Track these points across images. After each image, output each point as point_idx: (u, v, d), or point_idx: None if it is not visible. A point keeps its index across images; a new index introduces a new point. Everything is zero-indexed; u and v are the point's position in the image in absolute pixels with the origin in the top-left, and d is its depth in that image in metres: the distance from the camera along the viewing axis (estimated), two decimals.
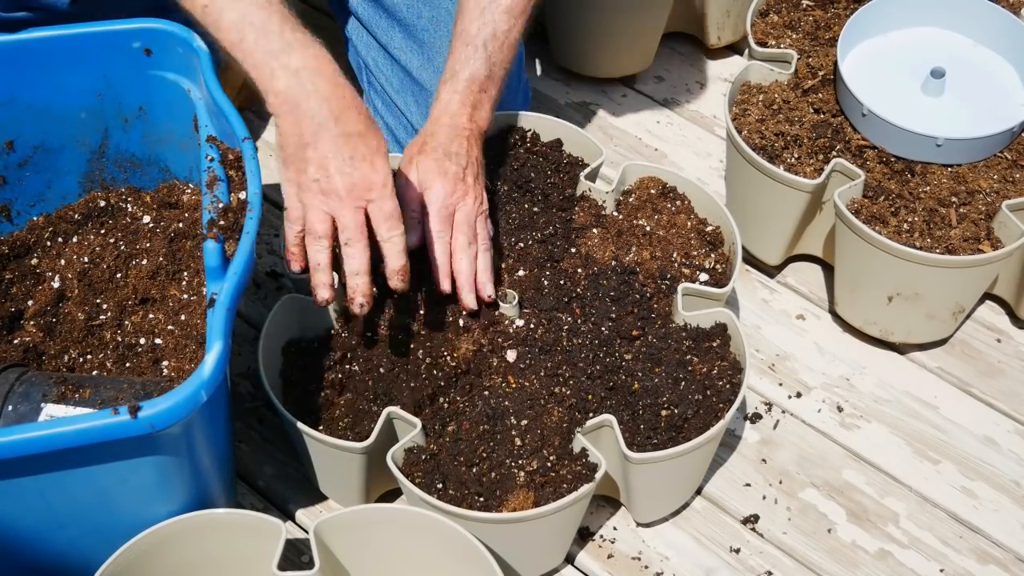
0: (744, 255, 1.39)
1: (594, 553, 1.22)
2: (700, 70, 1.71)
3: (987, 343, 1.39)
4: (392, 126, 1.38)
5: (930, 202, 1.27)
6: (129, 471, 0.98)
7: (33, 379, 1.05)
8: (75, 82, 1.21)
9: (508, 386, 1.14)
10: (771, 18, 1.45)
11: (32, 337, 1.17)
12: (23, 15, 1.18)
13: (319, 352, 1.17)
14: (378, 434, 1.10)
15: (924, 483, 1.28)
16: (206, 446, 1.02)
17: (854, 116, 1.32)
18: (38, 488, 0.97)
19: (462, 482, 1.09)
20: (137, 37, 1.19)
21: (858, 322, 1.37)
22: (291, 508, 1.26)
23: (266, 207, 1.50)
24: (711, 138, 1.62)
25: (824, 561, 1.22)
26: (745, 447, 1.30)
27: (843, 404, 1.34)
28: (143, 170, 1.30)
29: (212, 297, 0.99)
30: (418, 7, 1.33)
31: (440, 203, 1.15)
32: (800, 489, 1.27)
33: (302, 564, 1.18)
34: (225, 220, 1.05)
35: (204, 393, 0.94)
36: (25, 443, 0.91)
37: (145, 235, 1.25)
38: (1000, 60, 1.38)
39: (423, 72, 1.34)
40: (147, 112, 1.25)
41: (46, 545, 1.04)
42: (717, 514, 1.26)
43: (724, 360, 1.17)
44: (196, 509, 1.04)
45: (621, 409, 1.13)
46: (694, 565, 1.22)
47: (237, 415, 1.31)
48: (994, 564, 1.22)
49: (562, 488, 1.08)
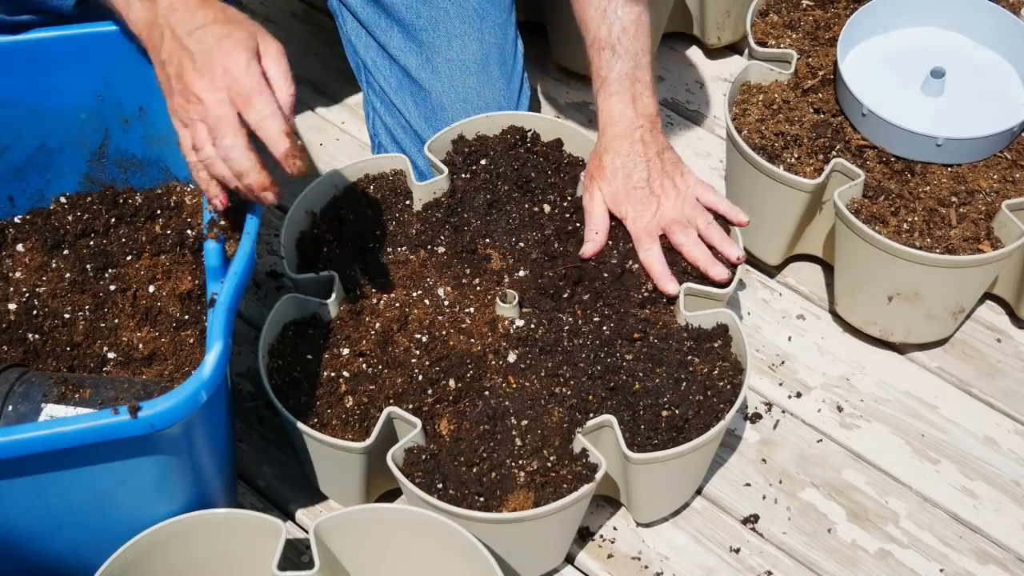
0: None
1: (594, 553, 1.22)
2: (700, 70, 1.71)
3: (987, 343, 1.39)
4: (391, 126, 1.38)
5: (930, 202, 1.27)
6: (129, 471, 0.98)
7: (33, 379, 1.05)
8: (75, 83, 1.21)
9: (508, 386, 1.14)
10: (771, 18, 1.45)
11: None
12: (27, 18, 1.18)
13: (319, 351, 1.17)
14: (378, 434, 1.10)
15: (924, 483, 1.28)
16: (206, 446, 1.02)
17: (854, 116, 1.32)
18: (38, 488, 0.97)
19: (462, 482, 1.08)
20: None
21: (858, 322, 1.37)
22: (291, 508, 1.26)
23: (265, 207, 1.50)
24: (711, 138, 1.62)
25: (824, 561, 1.22)
26: (745, 447, 1.30)
27: (843, 404, 1.34)
28: (143, 170, 1.30)
29: (212, 297, 0.99)
30: (417, 7, 1.33)
31: (640, 227, 1.21)
32: (800, 489, 1.27)
33: (302, 564, 1.18)
34: (225, 220, 1.05)
35: (204, 393, 0.94)
36: (25, 443, 0.91)
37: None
38: (1000, 60, 1.38)
39: (422, 72, 1.34)
40: (147, 112, 1.25)
41: (46, 545, 1.04)
42: (717, 514, 1.26)
43: (725, 361, 1.17)
44: (196, 509, 1.04)
45: (622, 409, 1.13)
46: (694, 565, 1.22)
47: (237, 415, 1.31)
48: (994, 564, 1.22)
49: (562, 488, 1.08)
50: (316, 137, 1.62)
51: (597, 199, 1.23)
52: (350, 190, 1.30)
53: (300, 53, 1.71)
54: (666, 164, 1.23)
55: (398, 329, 1.17)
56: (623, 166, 1.21)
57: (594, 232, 1.23)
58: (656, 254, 1.21)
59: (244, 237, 1.02)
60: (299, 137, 0.98)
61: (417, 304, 1.19)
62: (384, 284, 1.21)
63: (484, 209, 1.27)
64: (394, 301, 1.19)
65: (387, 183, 1.30)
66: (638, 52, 1.22)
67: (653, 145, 1.22)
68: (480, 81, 1.34)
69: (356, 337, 1.17)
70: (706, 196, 1.24)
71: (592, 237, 1.23)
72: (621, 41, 1.22)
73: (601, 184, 1.23)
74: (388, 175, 1.31)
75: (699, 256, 1.20)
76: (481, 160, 1.30)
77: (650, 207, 1.22)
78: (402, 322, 1.18)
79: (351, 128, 1.62)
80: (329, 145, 1.61)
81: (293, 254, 1.25)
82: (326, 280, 1.21)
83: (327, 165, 1.56)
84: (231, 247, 1.03)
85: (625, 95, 1.22)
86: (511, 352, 1.16)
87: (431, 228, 1.26)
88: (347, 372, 1.15)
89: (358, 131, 1.62)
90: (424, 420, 1.12)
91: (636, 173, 1.21)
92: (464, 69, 1.34)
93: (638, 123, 1.22)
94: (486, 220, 1.27)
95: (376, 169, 1.31)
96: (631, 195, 1.21)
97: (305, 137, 1.62)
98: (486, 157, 1.30)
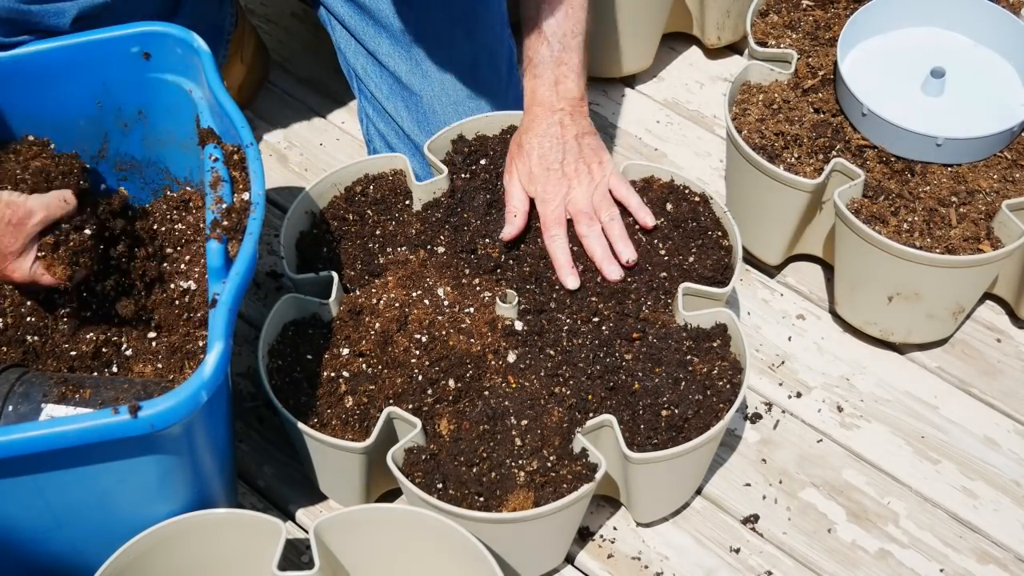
0: (744, 255, 1.39)
1: (594, 553, 1.22)
2: (700, 70, 1.71)
3: (987, 343, 1.39)
4: (384, 132, 1.38)
5: (930, 202, 1.27)
6: (129, 471, 0.98)
7: (33, 379, 1.05)
8: (74, 92, 1.21)
9: (508, 386, 1.15)
10: (771, 18, 1.45)
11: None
12: (24, 39, 1.19)
13: (319, 351, 1.17)
14: (378, 434, 1.10)
15: (924, 483, 1.28)
16: (207, 446, 1.02)
17: (854, 116, 1.32)
18: (38, 488, 0.97)
19: (462, 482, 1.09)
20: (135, 42, 1.19)
21: (858, 322, 1.37)
22: (291, 508, 1.26)
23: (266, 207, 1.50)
24: (711, 138, 1.62)
25: (824, 561, 1.22)
26: (745, 447, 1.30)
27: (843, 404, 1.34)
28: (142, 171, 1.30)
29: (214, 297, 0.99)
30: (404, 13, 1.33)
31: (548, 211, 1.22)
32: (800, 489, 1.27)
33: (302, 564, 1.19)
34: (228, 221, 1.05)
35: (205, 393, 0.94)
36: (25, 443, 0.91)
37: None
38: (1000, 60, 1.38)
39: (412, 77, 1.34)
40: (147, 115, 1.25)
41: (46, 545, 1.04)
42: (717, 514, 1.26)
43: (724, 360, 1.17)
44: (196, 509, 1.04)
45: (621, 409, 1.13)
46: (694, 565, 1.22)
47: (237, 415, 1.31)
48: (994, 564, 1.22)
49: (562, 488, 1.08)
50: (316, 137, 1.62)
51: (515, 179, 1.24)
52: (350, 190, 1.30)
53: (300, 53, 1.71)
54: (584, 149, 1.23)
55: (398, 329, 1.17)
56: (539, 146, 1.22)
57: (512, 215, 1.23)
58: (561, 243, 1.21)
59: (247, 238, 1.03)
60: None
61: (417, 304, 1.19)
62: (384, 284, 1.21)
63: (484, 209, 1.27)
64: (394, 301, 1.19)
65: (387, 183, 1.30)
66: (566, 34, 1.23)
67: (572, 128, 1.22)
68: (470, 84, 1.34)
69: (356, 337, 1.17)
70: (620, 189, 1.24)
71: (511, 220, 1.23)
72: (549, 23, 1.22)
73: (518, 163, 1.23)
74: (388, 175, 1.31)
75: (596, 251, 1.21)
76: (481, 160, 1.30)
77: (560, 189, 1.22)
78: (402, 322, 1.18)
79: (351, 128, 1.62)
80: (329, 145, 1.61)
81: (293, 254, 1.25)
82: (326, 280, 1.21)
83: (327, 165, 1.56)
84: (233, 247, 1.03)
85: (548, 77, 1.22)
86: (511, 352, 1.16)
87: (431, 228, 1.26)
88: (347, 372, 1.15)
89: (358, 131, 1.61)
90: (424, 420, 1.12)
91: (551, 154, 1.21)
92: (454, 72, 1.34)
93: (559, 106, 1.22)
94: (486, 220, 1.27)
95: (376, 169, 1.31)
96: (544, 176, 1.21)
97: (305, 137, 1.62)
98: (486, 157, 1.30)
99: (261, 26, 1.74)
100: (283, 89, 1.67)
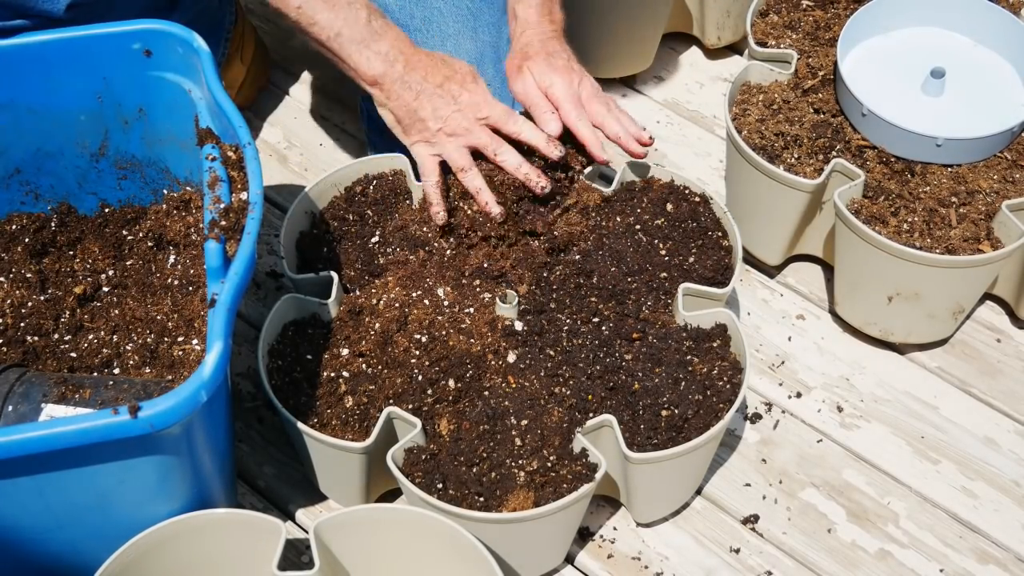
0: (744, 255, 1.39)
1: (594, 553, 1.22)
2: (700, 70, 1.71)
3: (987, 343, 1.39)
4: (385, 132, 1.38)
5: (930, 202, 1.27)
6: (129, 471, 0.98)
7: (33, 379, 1.05)
8: (74, 85, 1.21)
9: (508, 386, 1.15)
10: (771, 18, 1.45)
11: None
12: (18, 23, 1.19)
13: (319, 352, 1.17)
14: (378, 434, 1.10)
15: (924, 483, 1.28)
16: (206, 446, 1.02)
17: (854, 116, 1.32)
18: (38, 488, 0.97)
19: (462, 482, 1.09)
20: (137, 38, 1.19)
21: (858, 322, 1.37)
22: (291, 508, 1.26)
23: (266, 207, 1.51)
24: (711, 138, 1.62)
25: (824, 561, 1.22)
26: (745, 447, 1.30)
27: (843, 404, 1.34)
28: (142, 171, 1.30)
29: (213, 297, 0.99)
30: (410, 7, 1.33)
31: (566, 92, 1.24)
32: (800, 489, 1.27)
33: (302, 564, 1.19)
34: (226, 220, 1.05)
35: (204, 393, 0.94)
36: (25, 443, 0.91)
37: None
38: (1000, 60, 1.38)
39: None
40: (147, 113, 1.25)
41: (46, 545, 1.04)
42: (717, 514, 1.26)
43: (724, 360, 1.17)
44: (196, 509, 1.04)
45: (621, 409, 1.13)
46: (694, 565, 1.22)
47: (237, 415, 1.31)
48: (994, 564, 1.22)
49: (562, 488, 1.08)
50: (316, 137, 1.62)
51: (528, 80, 1.25)
52: (350, 190, 1.30)
53: (300, 53, 1.71)
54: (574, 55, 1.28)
55: (398, 329, 1.17)
56: (543, 48, 1.26)
57: (548, 111, 1.24)
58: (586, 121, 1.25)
59: (245, 237, 1.02)
60: None
61: (417, 304, 1.19)
62: (384, 284, 1.21)
63: None
64: (394, 301, 1.19)
65: (387, 183, 1.30)
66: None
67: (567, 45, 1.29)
68: None
69: (356, 337, 1.17)
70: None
71: (550, 117, 1.24)
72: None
73: (528, 64, 1.25)
74: (388, 175, 1.31)
75: (620, 130, 1.25)
76: (481, 160, 1.30)
77: (574, 77, 1.25)
78: (402, 322, 1.18)
79: (351, 128, 1.62)
80: (329, 145, 1.61)
81: (293, 254, 1.25)
82: (326, 280, 1.21)
83: (327, 165, 1.56)
84: (232, 247, 1.03)
85: (543, 7, 1.28)
86: (511, 352, 1.16)
87: (431, 228, 1.26)
88: (347, 372, 1.15)
89: (358, 131, 1.62)
90: (424, 420, 1.12)
91: (557, 57, 1.26)
92: None
93: (552, 28, 1.28)
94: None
95: (376, 169, 1.31)
96: (556, 69, 1.25)
97: (305, 137, 1.62)
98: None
99: (261, 26, 1.74)
100: (283, 89, 1.67)
